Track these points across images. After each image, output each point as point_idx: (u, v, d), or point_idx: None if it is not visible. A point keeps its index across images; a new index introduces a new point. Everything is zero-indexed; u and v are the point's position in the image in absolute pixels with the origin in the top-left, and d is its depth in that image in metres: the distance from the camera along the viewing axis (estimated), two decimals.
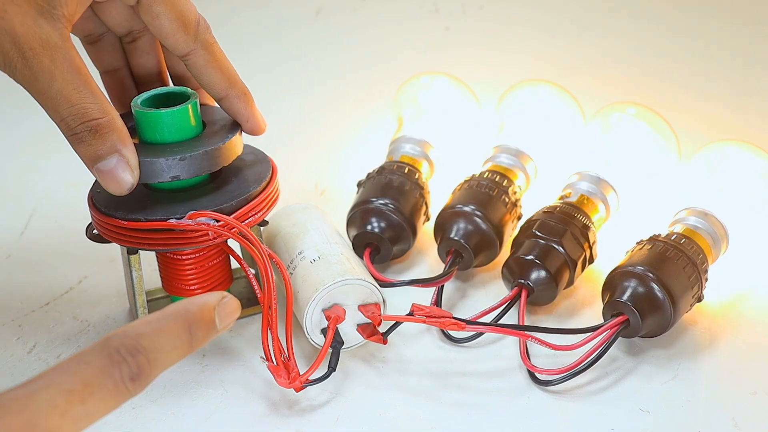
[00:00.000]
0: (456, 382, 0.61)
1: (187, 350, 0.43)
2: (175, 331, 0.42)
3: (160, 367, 0.41)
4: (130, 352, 0.40)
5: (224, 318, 0.44)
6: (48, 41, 0.53)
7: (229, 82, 0.60)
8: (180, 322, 0.43)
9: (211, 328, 0.44)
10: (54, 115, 0.55)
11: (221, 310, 0.44)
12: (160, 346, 0.41)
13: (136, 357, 0.40)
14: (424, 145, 0.76)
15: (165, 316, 0.43)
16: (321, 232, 0.65)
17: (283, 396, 0.60)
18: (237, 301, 0.45)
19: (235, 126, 0.61)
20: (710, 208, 0.67)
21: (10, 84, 0.55)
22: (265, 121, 0.63)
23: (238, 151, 0.61)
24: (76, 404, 0.39)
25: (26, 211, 0.81)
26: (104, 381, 0.39)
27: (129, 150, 0.56)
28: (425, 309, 0.60)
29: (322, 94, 1.01)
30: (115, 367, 0.40)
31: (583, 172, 0.71)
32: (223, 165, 0.60)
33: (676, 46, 1.07)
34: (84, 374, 0.39)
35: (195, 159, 0.58)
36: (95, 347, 0.40)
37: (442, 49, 1.09)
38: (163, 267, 0.64)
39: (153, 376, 0.41)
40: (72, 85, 0.54)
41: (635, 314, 0.60)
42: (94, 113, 0.54)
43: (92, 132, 0.54)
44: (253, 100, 0.62)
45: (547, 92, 0.77)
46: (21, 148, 0.92)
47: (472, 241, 0.68)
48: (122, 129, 0.56)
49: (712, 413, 0.58)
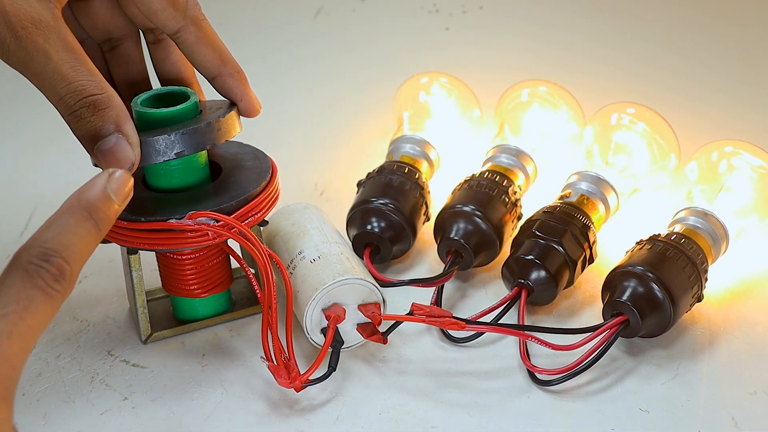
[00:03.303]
0: (456, 382, 0.61)
1: (96, 234, 0.44)
2: (76, 223, 0.44)
3: (78, 260, 0.43)
4: (43, 259, 0.42)
5: (118, 190, 0.46)
6: (40, 20, 0.53)
7: (222, 60, 0.60)
8: (77, 213, 0.44)
9: (109, 205, 0.45)
10: (51, 95, 0.54)
11: (112, 186, 0.46)
12: (67, 242, 0.43)
13: (50, 260, 0.42)
14: (424, 145, 0.76)
15: (61, 214, 0.44)
16: (321, 231, 0.65)
17: (284, 396, 0.60)
18: (125, 173, 0.46)
19: (231, 105, 0.61)
20: (710, 208, 0.67)
21: (10, 85, 0.55)
22: (259, 102, 0.62)
23: (237, 128, 0.60)
24: (17, 322, 0.40)
25: (26, 211, 0.81)
26: (32, 293, 0.41)
27: (129, 127, 0.55)
28: (425, 309, 0.60)
29: (322, 94, 1.01)
30: (36, 277, 0.41)
31: (583, 172, 0.71)
32: (225, 138, 0.59)
33: (676, 46, 1.07)
34: (10, 295, 0.41)
35: (198, 132, 0.57)
36: (8, 270, 0.42)
37: (442, 49, 1.09)
38: (163, 267, 0.64)
39: (75, 272, 0.43)
40: (68, 63, 0.53)
41: (635, 314, 0.60)
42: (92, 89, 0.53)
43: (91, 108, 0.53)
44: (246, 79, 0.61)
45: (547, 92, 0.77)
46: (21, 148, 0.92)
47: (472, 241, 0.68)
48: (121, 106, 0.54)
49: (712, 413, 0.58)
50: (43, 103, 0.57)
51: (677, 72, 1.01)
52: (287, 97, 0.99)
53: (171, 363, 0.63)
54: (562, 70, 0.98)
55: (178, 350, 0.64)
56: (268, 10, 1.17)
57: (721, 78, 1.00)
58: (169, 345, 0.65)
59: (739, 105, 0.94)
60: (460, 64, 0.99)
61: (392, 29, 1.14)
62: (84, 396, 0.61)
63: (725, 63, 1.03)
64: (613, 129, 0.73)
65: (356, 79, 1.03)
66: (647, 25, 1.11)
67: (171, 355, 0.64)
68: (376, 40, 1.11)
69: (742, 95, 0.96)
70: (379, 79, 0.99)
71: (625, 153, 0.72)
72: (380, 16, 1.16)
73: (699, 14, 1.11)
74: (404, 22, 1.16)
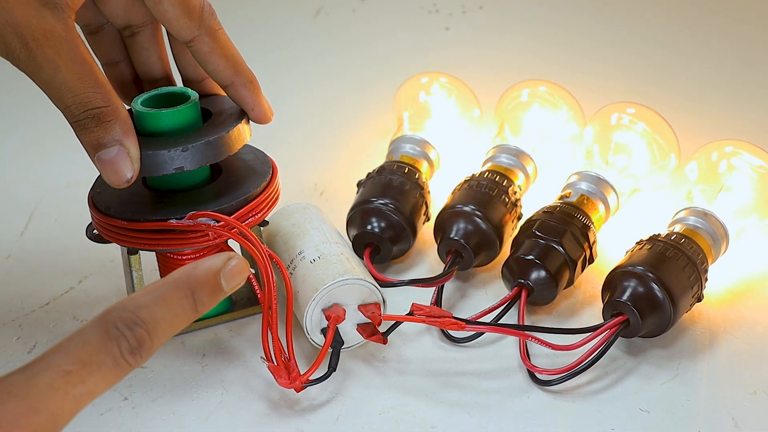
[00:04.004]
0: (456, 382, 0.61)
1: (192, 315, 0.42)
2: (176, 299, 0.42)
3: (161, 336, 0.41)
4: (128, 326, 0.40)
5: (231, 279, 0.43)
6: (52, 32, 0.53)
7: (235, 70, 0.60)
8: (181, 288, 0.42)
9: (216, 291, 0.43)
10: (58, 104, 0.54)
11: (227, 272, 0.43)
12: (159, 315, 0.41)
13: (134, 330, 0.40)
14: (424, 145, 0.76)
15: (165, 284, 0.42)
16: (321, 231, 0.65)
17: (284, 396, 0.60)
18: (244, 261, 0.44)
19: (241, 114, 0.61)
20: (710, 208, 0.67)
21: (9, 84, 0.55)
22: (272, 109, 0.62)
23: (244, 140, 0.60)
24: (76, 384, 0.39)
25: (26, 211, 0.81)
26: (103, 358, 0.39)
27: (131, 141, 0.55)
28: (425, 309, 0.60)
29: (322, 94, 1.01)
30: (113, 343, 0.40)
31: (583, 172, 0.71)
32: (228, 154, 0.59)
33: (676, 46, 1.07)
34: (82, 353, 0.39)
35: (198, 149, 0.57)
36: (93, 323, 0.40)
37: (442, 49, 1.09)
38: (163, 267, 0.64)
39: (155, 347, 0.41)
40: (76, 75, 0.53)
41: (635, 314, 0.60)
42: (98, 102, 0.54)
43: (95, 120, 0.54)
44: (259, 88, 0.61)
45: (547, 92, 0.77)
46: (21, 148, 0.92)
47: (472, 241, 0.68)
48: (126, 119, 0.55)
49: (711, 413, 0.58)
50: (43, 103, 0.57)
51: (677, 72, 1.01)
52: (287, 97, 0.99)
53: (171, 363, 0.63)
54: (562, 70, 0.98)
55: (178, 350, 0.64)
56: (268, 9, 1.17)
57: (721, 78, 1.00)
58: (169, 345, 0.65)
59: (739, 105, 0.94)
60: (460, 64, 0.99)
61: (392, 29, 1.14)
62: None
63: (725, 63, 1.03)
64: (613, 129, 0.73)
65: (356, 79, 1.03)
66: (647, 25, 1.11)
67: (171, 355, 0.64)
68: (376, 40, 1.11)
69: (742, 95, 0.96)
70: (379, 79, 0.99)
71: (625, 153, 0.72)
72: (380, 16, 1.16)
73: (699, 14, 1.11)
74: (404, 22, 1.16)
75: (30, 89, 0.56)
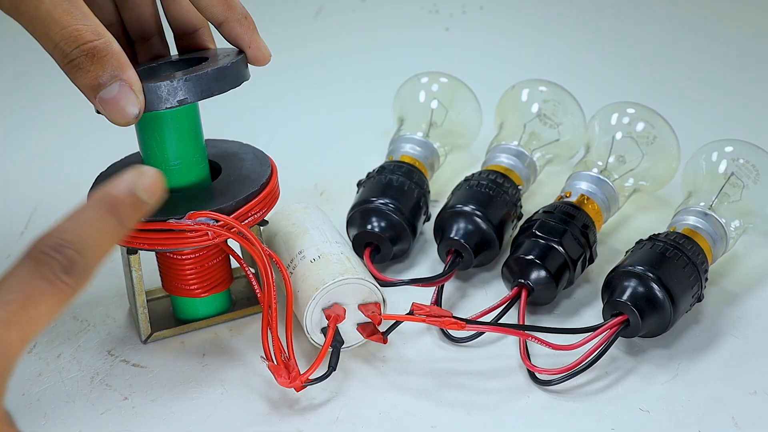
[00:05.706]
0: (456, 382, 0.61)
1: (118, 231, 0.42)
2: (98, 218, 0.42)
3: (93, 255, 0.41)
4: (55, 249, 0.40)
5: (149, 190, 0.43)
6: None
7: (228, 4, 0.58)
8: (102, 207, 0.42)
9: (138, 204, 0.42)
10: (46, 42, 0.52)
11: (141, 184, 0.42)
12: (85, 235, 0.41)
13: (62, 251, 0.40)
14: (424, 145, 0.76)
15: (84, 208, 0.42)
16: (321, 231, 0.65)
17: (284, 395, 0.60)
18: (155, 172, 0.43)
19: (239, 53, 0.59)
20: (710, 209, 0.67)
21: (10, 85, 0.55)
22: (268, 49, 0.60)
23: (245, 76, 0.59)
24: (18, 313, 0.39)
25: (26, 211, 0.81)
26: (37, 283, 0.39)
27: (131, 73, 0.53)
28: (425, 308, 0.60)
29: (322, 94, 1.01)
30: (44, 266, 0.40)
31: (583, 172, 0.71)
32: (231, 87, 0.57)
33: (676, 46, 1.07)
34: (15, 283, 0.39)
35: (200, 78, 0.56)
36: (21, 257, 0.40)
37: (442, 49, 1.09)
38: (163, 267, 0.64)
39: (90, 266, 0.41)
40: (61, 6, 0.51)
41: (635, 314, 0.60)
42: (88, 35, 0.52)
43: (89, 57, 0.52)
44: (254, 26, 0.59)
45: (547, 92, 0.77)
46: (21, 148, 0.92)
47: (472, 240, 0.68)
48: (120, 52, 0.53)
49: (712, 413, 0.58)
50: (43, 104, 0.57)
51: (677, 72, 1.02)
52: (287, 97, 0.99)
53: (171, 363, 0.63)
54: (562, 70, 0.98)
55: (178, 350, 0.64)
56: (268, 10, 1.17)
57: (721, 78, 1.00)
58: (169, 345, 0.65)
59: (739, 105, 0.94)
60: (460, 64, 0.99)
61: (392, 29, 1.14)
62: (84, 396, 0.61)
63: (725, 63, 1.03)
64: (613, 129, 0.73)
65: (356, 78, 1.04)
66: (647, 25, 1.12)
67: (171, 355, 0.64)
68: (376, 40, 1.11)
69: (742, 95, 0.96)
70: (379, 79, 0.99)
71: (625, 153, 0.72)
72: (380, 16, 1.16)
73: (699, 14, 1.12)
74: (404, 22, 1.16)
75: (30, 90, 0.56)
